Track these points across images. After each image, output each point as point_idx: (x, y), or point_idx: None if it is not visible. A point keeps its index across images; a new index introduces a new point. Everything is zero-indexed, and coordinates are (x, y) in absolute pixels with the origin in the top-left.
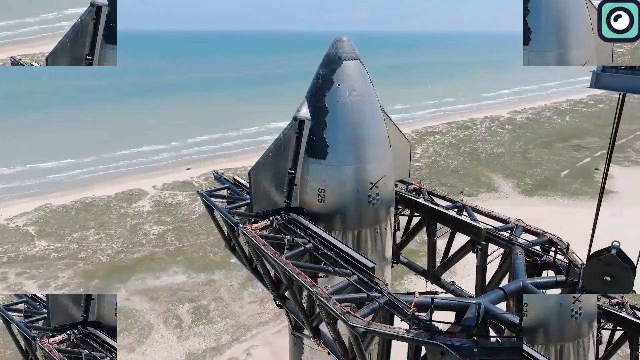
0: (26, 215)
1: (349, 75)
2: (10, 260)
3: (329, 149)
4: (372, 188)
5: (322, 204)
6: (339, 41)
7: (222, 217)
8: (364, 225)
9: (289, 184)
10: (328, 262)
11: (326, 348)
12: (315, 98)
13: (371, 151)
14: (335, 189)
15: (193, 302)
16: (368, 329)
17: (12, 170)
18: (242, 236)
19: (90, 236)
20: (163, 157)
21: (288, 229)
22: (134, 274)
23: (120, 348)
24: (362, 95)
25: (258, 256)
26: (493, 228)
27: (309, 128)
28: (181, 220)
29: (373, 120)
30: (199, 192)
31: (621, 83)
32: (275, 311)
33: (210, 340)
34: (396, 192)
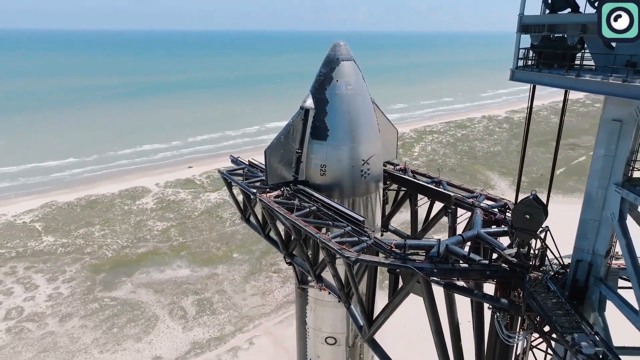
0: (32, 212)
1: (345, 73)
2: (18, 255)
3: (329, 133)
4: (364, 164)
5: (323, 177)
6: (337, 45)
7: (240, 191)
8: (357, 195)
9: (297, 161)
10: (328, 218)
11: (327, 289)
12: (318, 91)
13: (363, 134)
14: (334, 164)
15: (197, 295)
16: (358, 258)
17: (16, 169)
18: (258, 203)
19: (95, 232)
20: (164, 156)
21: (296, 197)
22: (139, 268)
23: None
24: (356, 89)
25: (272, 218)
26: (461, 196)
27: (313, 115)
28: (184, 216)
29: (365, 109)
30: (220, 171)
31: (529, 77)
32: (276, 303)
33: (214, 331)
34: (385, 170)
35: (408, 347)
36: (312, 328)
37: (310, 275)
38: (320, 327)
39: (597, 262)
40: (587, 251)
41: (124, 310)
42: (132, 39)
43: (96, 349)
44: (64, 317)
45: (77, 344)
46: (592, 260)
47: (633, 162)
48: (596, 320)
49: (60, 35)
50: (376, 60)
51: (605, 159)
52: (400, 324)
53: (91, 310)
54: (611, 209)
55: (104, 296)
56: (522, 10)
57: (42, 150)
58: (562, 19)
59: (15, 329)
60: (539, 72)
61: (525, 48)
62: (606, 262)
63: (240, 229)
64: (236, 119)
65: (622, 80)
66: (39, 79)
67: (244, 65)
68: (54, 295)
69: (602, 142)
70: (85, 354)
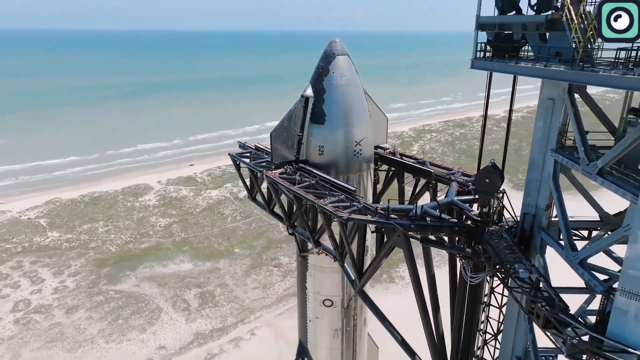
0: (37, 208)
1: (340, 66)
2: (24, 249)
3: (326, 118)
4: (356, 145)
5: (321, 156)
6: (333, 42)
7: (248, 170)
8: (350, 172)
9: (298, 143)
10: (325, 190)
11: (324, 252)
12: (317, 82)
13: (356, 119)
14: (330, 145)
15: (199, 288)
16: (350, 217)
17: (19, 167)
18: (265, 180)
19: (99, 228)
20: (166, 154)
21: (297, 173)
22: (142, 262)
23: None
24: (349, 80)
25: (277, 193)
26: (441, 173)
27: (312, 103)
28: (186, 213)
29: (357, 98)
30: (230, 154)
31: (485, 66)
32: (277, 296)
33: (216, 322)
34: (375, 152)
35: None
36: (312, 292)
37: (310, 242)
38: (319, 290)
39: (539, 214)
40: (532, 205)
41: (129, 302)
42: (132, 39)
43: (102, 339)
44: (70, 309)
45: (84, 334)
46: (536, 213)
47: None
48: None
49: (61, 35)
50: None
51: (543, 130)
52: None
53: (96, 303)
54: (548, 170)
55: (109, 289)
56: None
57: (43, 149)
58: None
59: (23, 320)
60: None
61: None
62: (547, 215)
63: (241, 225)
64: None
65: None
66: (39, 79)
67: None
68: (60, 288)
69: (541, 117)
70: (91, 344)
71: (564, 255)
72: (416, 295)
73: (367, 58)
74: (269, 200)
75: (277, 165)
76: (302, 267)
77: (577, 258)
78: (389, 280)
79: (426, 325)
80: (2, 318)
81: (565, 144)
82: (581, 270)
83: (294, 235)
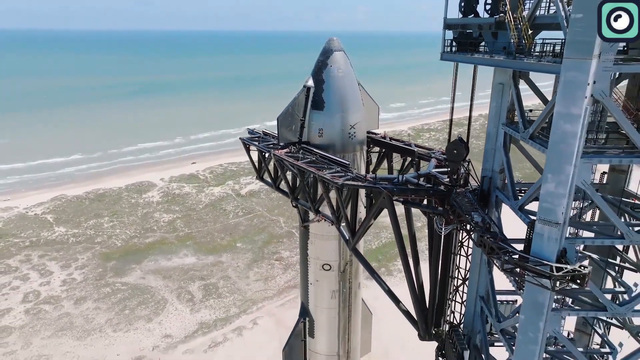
0: (43, 204)
1: (337, 60)
2: (32, 244)
3: (325, 104)
4: (351, 128)
5: (321, 138)
6: (331, 40)
7: (258, 152)
8: (346, 152)
9: (301, 126)
10: (324, 164)
11: (323, 218)
12: (317, 74)
13: (350, 106)
14: (329, 128)
15: (203, 280)
16: (344, 183)
17: (24, 165)
18: (272, 158)
19: (104, 223)
20: (168, 152)
21: (300, 151)
22: (147, 256)
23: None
24: (345, 73)
25: (282, 170)
26: (424, 152)
27: (313, 92)
28: (189, 209)
29: (352, 88)
30: (241, 138)
31: (451, 58)
32: (278, 288)
33: (220, 312)
34: (368, 136)
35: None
36: (312, 258)
37: (311, 211)
38: (319, 256)
39: (494, 176)
40: (489, 170)
41: (135, 294)
42: (132, 39)
43: (110, 328)
44: (79, 300)
45: (92, 323)
46: (492, 175)
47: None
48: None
49: (62, 36)
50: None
51: (496, 108)
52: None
53: (104, 294)
54: (500, 140)
55: (115, 281)
56: (445, 14)
57: (47, 148)
58: (468, 21)
59: (34, 310)
60: (456, 54)
61: (449, 39)
62: (501, 177)
63: (243, 220)
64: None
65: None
66: (40, 79)
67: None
68: (68, 280)
69: (494, 98)
70: (99, 333)
71: (509, 204)
72: (399, 250)
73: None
74: (275, 178)
75: (282, 146)
76: (304, 236)
77: (517, 204)
78: (387, 274)
79: (408, 275)
80: (13, 308)
81: (514, 119)
82: (520, 213)
83: (297, 208)
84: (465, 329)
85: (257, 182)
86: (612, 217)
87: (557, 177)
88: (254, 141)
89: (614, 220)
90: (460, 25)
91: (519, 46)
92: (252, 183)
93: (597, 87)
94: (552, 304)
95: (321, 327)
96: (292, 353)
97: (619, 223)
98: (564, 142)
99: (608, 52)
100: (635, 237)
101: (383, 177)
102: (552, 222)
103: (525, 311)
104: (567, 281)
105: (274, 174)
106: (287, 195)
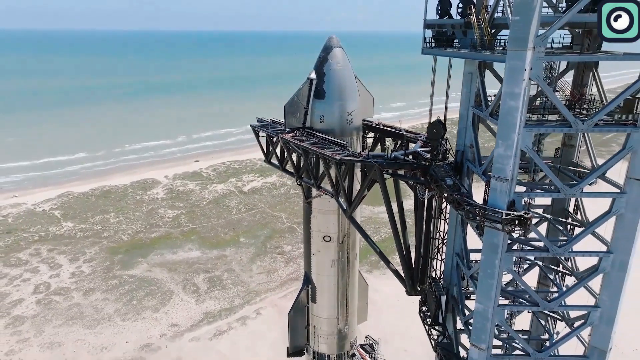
0: (50, 201)
1: (336, 55)
2: (41, 238)
3: (326, 94)
4: (348, 115)
5: (322, 123)
6: (331, 38)
7: (266, 137)
8: (344, 136)
9: (304, 113)
10: (324, 145)
11: (324, 192)
12: (319, 67)
13: (348, 95)
14: (329, 115)
15: (208, 273)
16: (342, 159)
17: (29, 163)
18: (280, 141)
19: (110, 219)
20: (171, 151)
21: (304, 135)
22: (153, 250)
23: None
24: (343, 66)
25: (288, 151)
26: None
27: (315, 83)
28: (193, 205)
29: (349, 80)
30: (251, 125)
31: (430, 52)
32: (280, 280)
33: (224, 303)
34: (364, 123)
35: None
36: (315, 230)
37: (313, 187)
38: (320, 229)
39: (466, 150)
40: (462, 145)
41: (142, 285)
42: (136, 39)
43: (118, 318)
44: (88, 291)
45: (101, 313)
46: (464, 150)
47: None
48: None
49: (68, 36)
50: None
51: (466, 93)
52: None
53: (112, 286)
54: (469, 120)
55: (123, 274)
56: (425, 16)
57: (52, 146)
58: (443, 22)
59: (45, 300)
60: (434, 49)
61: (429, 37)
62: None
63: (246, 216)
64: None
65: (457, 50)
66: (44, 79)
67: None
68: (77, 273)
69: (464, 85)
70: (109, 322)
71: (475, 170)
72: (389, 217)
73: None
74: (282, 160)
75: (288, 131)
76: (307, 211)
77: (481, 170)
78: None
79: (396, 239)
80: (25, 299)
81: (480, 103)
82: (482, 176)
83: (301, 185)
84: (444, 282)
85: (259, 180)
86: (548, 173)
87: (505, 142)
88: (263, 128)
89: (550, 176)
90: (437, 25)
91: (481, 42)
92: (254, 180)
93: (533, 72)
94: (506, 245)
95: (322, 293)
96: (296, 317)
97: (555, 179)
98: (510, 114)
99: (540, 45)
100: (569, 192)
101: (375, 154)
102: (502, 178)
103: (485, 251)
104: (514, 224)
105: (281, 156)
106: (293, 175)
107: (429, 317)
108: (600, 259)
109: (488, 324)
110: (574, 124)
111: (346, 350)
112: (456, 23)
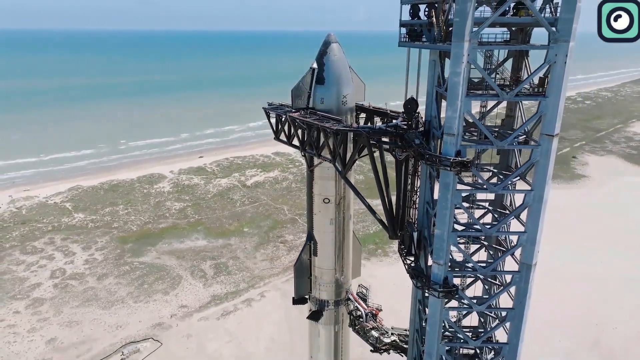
0: (61, 194)
1: (334, 49)
2: (54, 228)
3: (325, 80)
4: (343, 98)
5: (322, 104)
6: (330, 35)
7: (276, 116)
8: (340, 114)
9: (308, 97)
10: (324, 120)
11: (324, 159)
12: (319, 58)
13: (343, 82)
14: (328, 98)
15: (214, 260)
16: (338, 129)
17: (37, 159)
18: (288, 119)
19: (120, 211)
20: (175, 147)
21: (308, 113)
22: (161, 239)
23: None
24: (339, 58)
25: (294, 127)
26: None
27: (317, 71)
28: (198, 198)
29: (344, 69)
30: (263, 107)
31: (405, 45)
32: (283, 266)
33: (230, 287)
34: (356, 105)
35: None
36: (316, 194)
37: (315, 156)
38: (320, 192)
39: (432, 120)
40: (429, 115)
41: (152, 271)
42: (138, 39)
43: (131, 300)
44: (101, 276)
45: (115, 296)
46: (431, 119)
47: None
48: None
49: (69, 35)
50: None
51: (431, 76)
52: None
53: (123, 271)
54: (434, 96)
55: (133, 261)
56: (400, 16)
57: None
58: (414, 22)
59: (61, 284)
60: (407, 43)
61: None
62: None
63: (249, 208)
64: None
65: (423, 42)
66: (46, 78)
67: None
68: (90, 260)
69: (430, 69)
70: (122, 304)
71: (437, 133)
72: (375, 176)
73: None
74: (289, 136)
75: (295, 110)
76: (310, 178)
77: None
78: (383, 254)
79: (381, 194)
80: (43, 283)
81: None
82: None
83: (305, 156)
84: (418, 226)
85: (262, 174)
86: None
87: (452, 108)
88: (273, 109)
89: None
90: (409, 24)
91: (440, 36)
92: (257, 175)
93: (470, 57)
94: (456, 184)
95: (322, 247)
96: (301, 267)
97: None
98: (455, 87)
99: (474, 38)
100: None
101: (364, 125)
102: (451, 133)
103: (441, 189)
104: (460, 167)
105: (288, 132)
106: (298, 148)
107: (405, 250)
108: (525, 195)
109: (444, 244)
110: (501, 94)
111: (342, 297)
112: (423, 23)
